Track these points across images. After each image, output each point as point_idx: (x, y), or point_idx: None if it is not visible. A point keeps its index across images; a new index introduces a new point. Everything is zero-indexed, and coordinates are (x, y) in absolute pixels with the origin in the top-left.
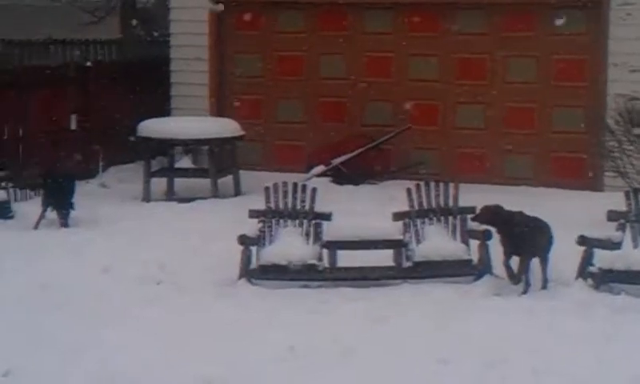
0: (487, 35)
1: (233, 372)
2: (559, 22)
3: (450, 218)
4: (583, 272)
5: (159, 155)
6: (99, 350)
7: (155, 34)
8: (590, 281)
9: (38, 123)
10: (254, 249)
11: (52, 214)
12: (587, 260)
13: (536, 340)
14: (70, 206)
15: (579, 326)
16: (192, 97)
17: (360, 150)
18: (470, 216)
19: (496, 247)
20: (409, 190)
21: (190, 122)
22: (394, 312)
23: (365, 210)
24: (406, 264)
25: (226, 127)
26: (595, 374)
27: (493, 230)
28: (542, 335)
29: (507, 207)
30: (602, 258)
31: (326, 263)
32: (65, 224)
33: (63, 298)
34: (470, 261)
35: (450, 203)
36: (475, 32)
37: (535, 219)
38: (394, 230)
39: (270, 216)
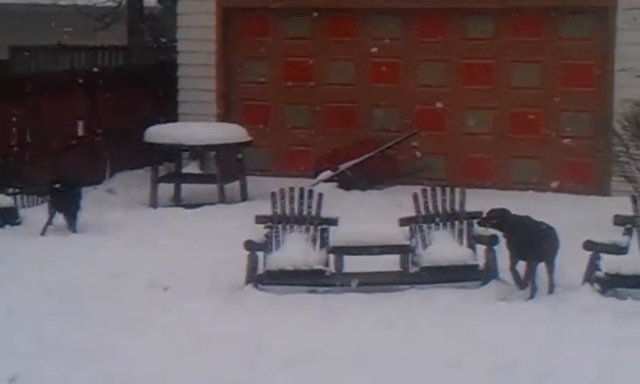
0: (494, 40)
1: (240, 379)
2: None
3: (457, 223)
4: (590, 277)
5: (166, 161)
6: (107, 356)
7: (162, 39)
8: (596, 285)
9: (46, 129)
10: (260, 254)
11: (59, 221)
12: (594, 265)
13: (543, 345)
14: (77, 210)
15: (586, 331)
16: (199, 102)
17: (367, 156)
18: (476, 221)
19: (502, 252)
20: (415, 195)
21: (197, 128)
22: (402, 317)
23: (371, 216)
24: (413, 269)
25: (233, 133)
26: (602, 379)
27: (499, 234)
28: (549, 340)
29: (514, 212)
30: (609, 263)
31: (332, 268)
32: (73, 230)
33: (71, 303)
34: (476, 266)
35: (457, 208)
36: (482, 37)
37: (541, 224)
38: (400, 236)
39: (276, 221)
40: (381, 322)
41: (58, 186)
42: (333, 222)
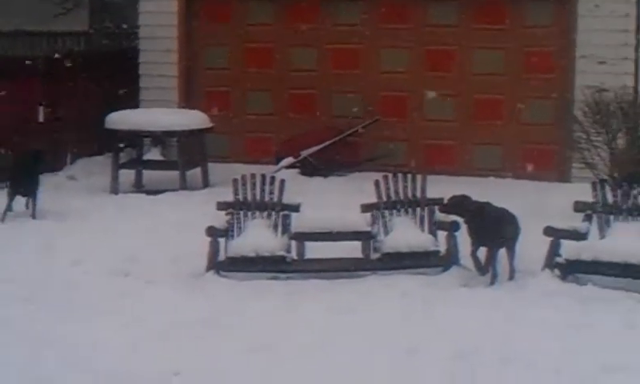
0: (457, 27)
1: (202, 365)
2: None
3: (418, 209)
4: (550, 262)
5: (128, 147)
6: (70, 343)
7: (124, 25)
8: (556, 271)
9: (6, 116)
10: (222, 241)
11: (18, 208)
12: (554, 250)
13: (504, 330)
14: (37, 185)
15: (546, 316)
16: (161, 89)
17: (328, 142)
18: (437, 207)
19: (464, 238)
20: (377, 182)
21: (158, 114)
22: (363, 303)
23: (333, 202)
24: (374, 255)
25: (195, 119)
26: (562, 364)
27: (460, 220)
28: (510, 325)
29: (475, 198)
30: (569, 249)
31: (294, 255)
32: (33, 215)
33: (32, 291)
34: (437, 252)
35: (418, 195)
36: (445, 24)
37: (502, 210)
38: (362, 222)
39: (238, 208)
40: (342, 308)
41: (16, 163)
42: (294, 208)
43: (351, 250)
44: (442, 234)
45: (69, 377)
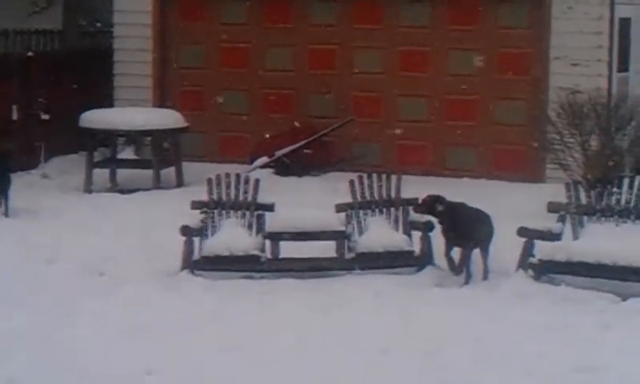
0: (431, 28)
1: (176, 365)
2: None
3: (393, 209)
4: (524, 263)
5: (102, 146)
6: (42, 342)
7: (98, 24)
8: (530, 272)
9: None
10: (196, 240)
11: None
12: (528, 251)
13: (477, 330)
14: (8, 184)
15: (520, 317)
16: (135, 88)
17: (303, 142)
18: (412, 207)
19: (438, 238)
20: (352, 182)
21: (132, 113)
22: (336, 303)
23: (308, 202)
24: (349, 255)
25: (170, 118)
26: (536, 364)
27: (434, 221)
28: (483, 326)
29: (449, 199)
30: (543, 249)
31: (268, 254)
32: (5, 214)
33: (5, 289)
34: (411, 252)
35: (393, 195)
36: (419, 25)
37: (476, 210)
38: (336, 222)
39: (212, 207)
40: (316, 307)
41: None
42: (269, 207)
43: (326, 249)
44: (416, 234)
45: (41, 376)
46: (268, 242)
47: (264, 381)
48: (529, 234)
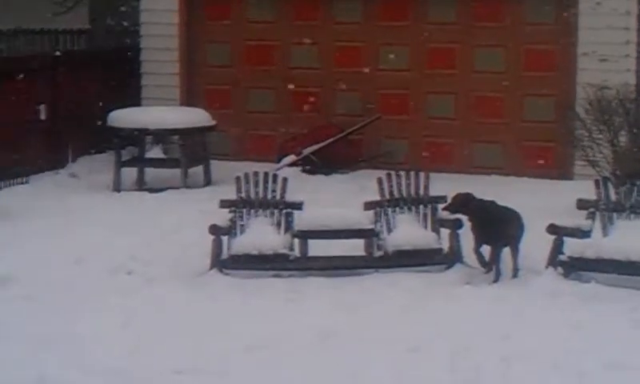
0: (457, 25)
1: (204, 363)
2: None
3: (421, 207)
4: (553, 260)
5: (130, 145)
6: (71, 341)
7: (125, 23)
8: (560, 269)
9: (7, 114)
10: (225, 239)
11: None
12: (557, 248)
13: (506, 328)
14: None
15: (549, 315)
16: (162, 87)
17: (331, 140)
18: (440, 205)
19: (467, 236)
20: (379, 180)
21: (160, 112)
22: (365, 301)
23: (336, 200)
24: (377, 253)
25: (197, 117)
26: (564, 362)
27: (464, 218)
28: (513, 323)
29: (478, 196)
30: (572, 247)
31: (297, 253)
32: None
33: (33, 289)
34: (440, 250)
35: (421, 192)
36: (445, 21)
37: (506, 208)
38: (365, 220)
39: (240, 206)
40: (344, 306)
41: None
42: (297, 206)
43: (354, 247)
44: (444, 232)
45: (69, 375)
46: (296, 241)
47: (291, 379)
48: (558, 232)
